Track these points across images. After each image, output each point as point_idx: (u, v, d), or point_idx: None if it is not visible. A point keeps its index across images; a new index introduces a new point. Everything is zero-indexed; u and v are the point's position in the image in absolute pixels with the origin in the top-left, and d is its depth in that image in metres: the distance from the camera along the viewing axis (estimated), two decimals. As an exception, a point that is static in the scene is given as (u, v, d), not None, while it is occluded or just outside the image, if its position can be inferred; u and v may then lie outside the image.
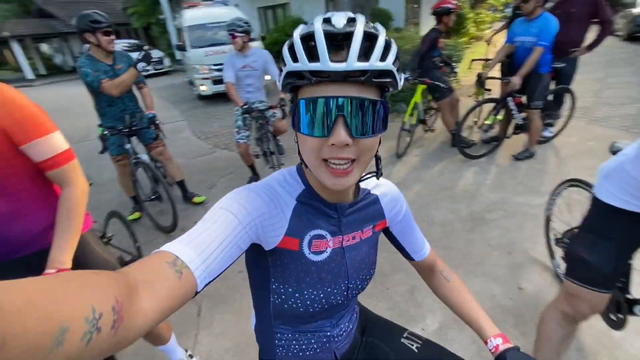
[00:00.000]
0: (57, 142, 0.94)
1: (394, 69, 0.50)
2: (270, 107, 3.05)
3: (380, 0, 10.46)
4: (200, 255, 0.45)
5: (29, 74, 16.89)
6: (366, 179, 0.65)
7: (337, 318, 0.72)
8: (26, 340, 0.23)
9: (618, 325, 1.30)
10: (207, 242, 0.46)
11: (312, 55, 0.47)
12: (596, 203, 1.08)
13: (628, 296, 1.27)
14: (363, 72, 0.46)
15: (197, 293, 0.44)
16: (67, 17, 16.84)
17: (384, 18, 9.51)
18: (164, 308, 0.38)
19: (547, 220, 1.97)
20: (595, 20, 3.21)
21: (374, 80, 0.48)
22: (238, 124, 3.14)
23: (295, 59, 0.48)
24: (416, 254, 0.79)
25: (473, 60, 4.53)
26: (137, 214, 3.03)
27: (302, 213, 0.61)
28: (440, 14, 3.43)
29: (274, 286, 0.63)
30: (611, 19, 3.19)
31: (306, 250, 0.61)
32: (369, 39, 0.48)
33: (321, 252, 0.63)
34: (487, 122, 3.51)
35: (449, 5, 3.39)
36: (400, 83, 0.52)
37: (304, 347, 0.70)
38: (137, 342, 1.84)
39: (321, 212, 0.62)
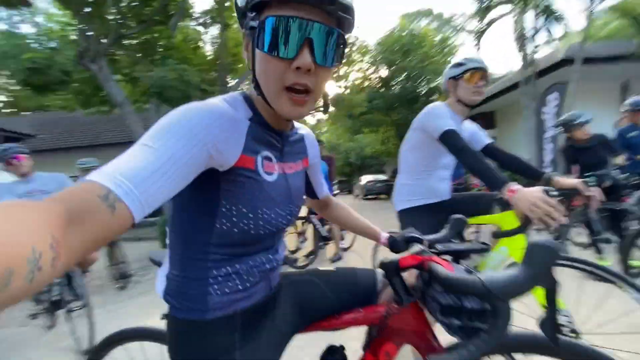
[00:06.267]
0: None
1: (354, 10, 0.54)
2: None
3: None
4: (139, 187, 0.40)
5: None
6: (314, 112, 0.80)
7: (277, 244, 0.71)
8: None
9: None
10: (149, 171, 0.42)
11: None
12: (399, 217, 1.30)
13: None
14: (332, 1, 0.49)
15: (134, 225, 0.42)
16: None
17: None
18: (94, 242, 0.36)
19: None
20: None
21: (340, 13, 0.51)
22: None
23: None
24: (320, 193, 0.91)
25: None
26: None
27: (254, 133, 0.60)
28: None
29: (223, 209, 0.58)
30: None
31: (261, 169, 0.60)
32: None
33: (271, 174, 0.63)
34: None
35: None
36: (352, 29, 0.57)
37: (244, 277, 0.63)
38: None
39: (268, 136, 0.62)
